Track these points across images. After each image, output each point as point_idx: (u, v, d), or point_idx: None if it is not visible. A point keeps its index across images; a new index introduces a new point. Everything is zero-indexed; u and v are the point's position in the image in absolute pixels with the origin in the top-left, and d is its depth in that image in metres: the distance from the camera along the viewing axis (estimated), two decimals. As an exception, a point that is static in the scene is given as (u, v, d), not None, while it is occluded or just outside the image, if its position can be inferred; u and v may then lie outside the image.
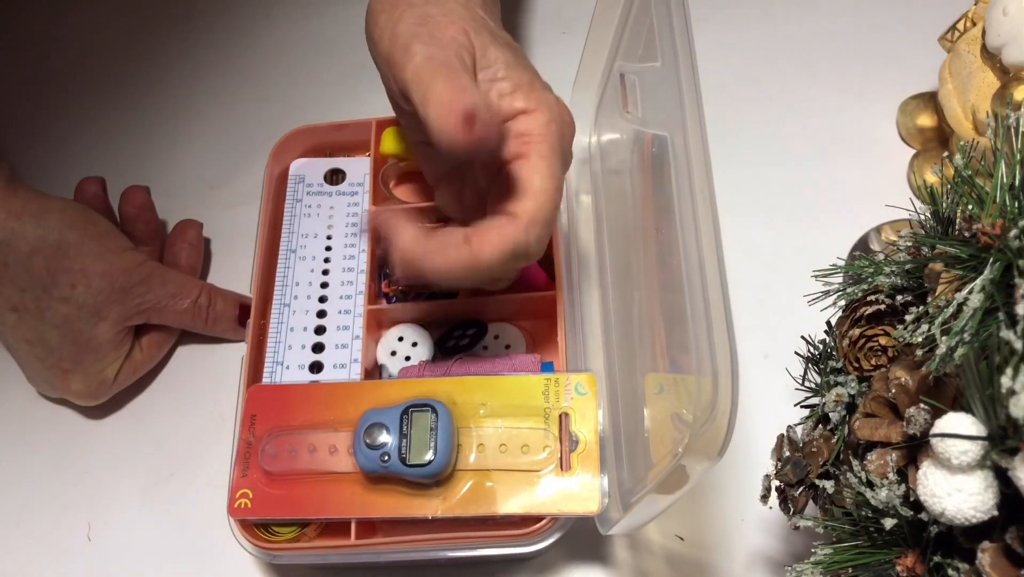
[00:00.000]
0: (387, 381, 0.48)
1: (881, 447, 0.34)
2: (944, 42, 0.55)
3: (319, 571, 0.49)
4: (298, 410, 0.45)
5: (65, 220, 0.48)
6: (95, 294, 0.48)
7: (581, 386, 0.44)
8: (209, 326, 0.53)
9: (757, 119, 0.61)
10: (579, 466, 0.43)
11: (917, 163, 0.57)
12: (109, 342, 0.50)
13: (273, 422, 0.45)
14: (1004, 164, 0.31)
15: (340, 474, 0.43)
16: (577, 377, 0.44)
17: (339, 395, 0.45)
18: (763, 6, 0.66)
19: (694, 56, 0.36)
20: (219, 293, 0.54)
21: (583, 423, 0.43)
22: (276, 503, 0.43)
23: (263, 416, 0.45)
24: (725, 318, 0.31)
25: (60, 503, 0.51)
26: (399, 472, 0.41)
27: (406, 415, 0.42)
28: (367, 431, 0.42)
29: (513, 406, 0.44)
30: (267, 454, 0.44)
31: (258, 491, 0.43)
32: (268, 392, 0.46)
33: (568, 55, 0.65)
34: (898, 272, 0.36)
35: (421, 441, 0.41)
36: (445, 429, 0.41)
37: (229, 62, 0.67)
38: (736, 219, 0.57)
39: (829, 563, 0.35)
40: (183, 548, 0.49)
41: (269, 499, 0.43)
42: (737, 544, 0.47)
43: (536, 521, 0.43)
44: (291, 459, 0.44)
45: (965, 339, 0.28)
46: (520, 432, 0.43)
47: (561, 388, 0.44)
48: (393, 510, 0.42)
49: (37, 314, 0.48)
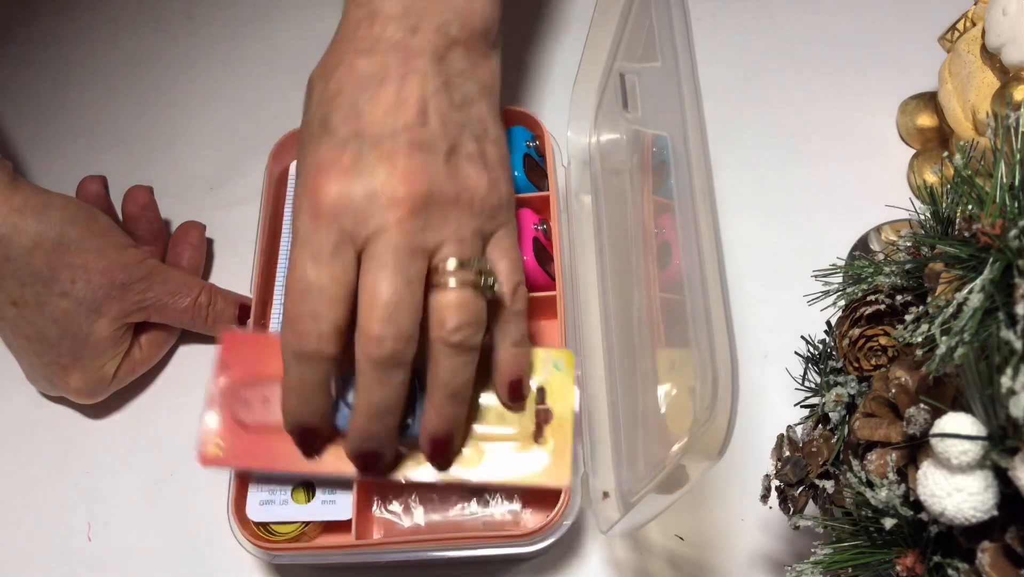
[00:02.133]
0: None
1: (881, 447, 0.34)
2: (944, 42, 0.55)
3: (319, 571, 0.49)
4: (275, 359, 0.42)
5: (67, 216, 0.48)
6: (95, 290, 0.48)
7: (560, 363, 0.44)
8: (209, 325, 0.53)
9: (757, 119, 0.61)
10: (552, 439, 0.43)
11: (917, 163, 0.57)
12: (108, 339, 0.50)
13: (247, 370, 0.44)
14: (1004, 164, 0.31)
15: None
16: (556, 353, 0.44)
17: None
18: (763, 6, 0.66)
19: (694, 56, 0.36)
20: (219, 293, 0.54)
21: (559, 398, 0.44)
22: (249, 452, 0.42)
23: (237, 364, 0.44)
24: (725, 318, 0.31)
25: (60, 503, 0.51)
26: None
27: None
28: (348, 391, 0.41)
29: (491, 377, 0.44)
30: (240, 402, 0.43)
31: (230, 440, 0.42)
32: (243, 340, 0.45)
33: (568, 55, 0.66)
34: (898, 272, 0.36)
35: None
36: (424, 394, 0.41)
37: (229, 62, 0.67)
38: (736, 219, 0.57)
39: (829, 563, 0.35)
40: (183, 548, 0.49)
41: (242, 448, 0.42)
42: (737, 544, 0.47)
43: (538, 523, 0.43)
44: (265, 410, 0.43)
45: (965, 339, 0.28)
46: (496, 403, 0.43)
47: (539, 363, 0.44)
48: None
49: (37, 309, 0.48)
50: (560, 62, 0.65)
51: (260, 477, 0.46)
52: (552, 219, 0.51)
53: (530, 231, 0.51)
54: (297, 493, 0.46)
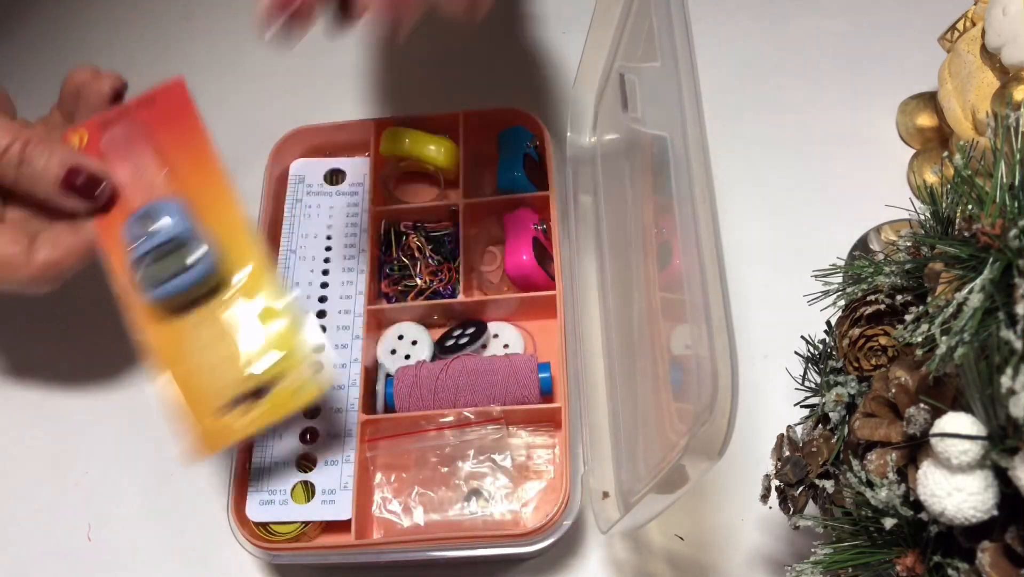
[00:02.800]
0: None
1: (881, 447, 0.34)
2: (944, 42, 0.55)
3: (319, 571, 0.49)
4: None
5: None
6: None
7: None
8: (21, 185, 0.43)
9: (757, 119, 0.61)
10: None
11: (917, 163, 0.57)
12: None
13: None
14: (1004, 164, 0.31)
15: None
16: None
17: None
18: (763, 6, 0.66)
19: (694, 56, 0.36)
20: (45, 145, 0.43)
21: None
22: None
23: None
24: (725, 318, 0.31)
25: (60, 503, 0.51)
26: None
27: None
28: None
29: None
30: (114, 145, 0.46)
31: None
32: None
33: (568, 55, 0.66)
34: (898, 272, 0.36)
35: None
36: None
37: (229, 62, 0.67)
38: (736, 219, 0.57)
39: (829, 563, 0.35)
40: (183, 548, 0.49)
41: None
42: (737, 544, 0.47)
43: (538, 523, 0.43)
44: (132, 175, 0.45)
45: (965, 339, 0.28)
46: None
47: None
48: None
49: None
50: (560, 62, 0.65)
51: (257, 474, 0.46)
52: (552, 219, 0.51)
53: (530, 231, 0.51)
54: (297, 493, 0.46)
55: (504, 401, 0.47)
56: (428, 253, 0.53)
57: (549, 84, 0.64)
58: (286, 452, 0.48)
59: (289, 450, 0.48)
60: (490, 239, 0.53)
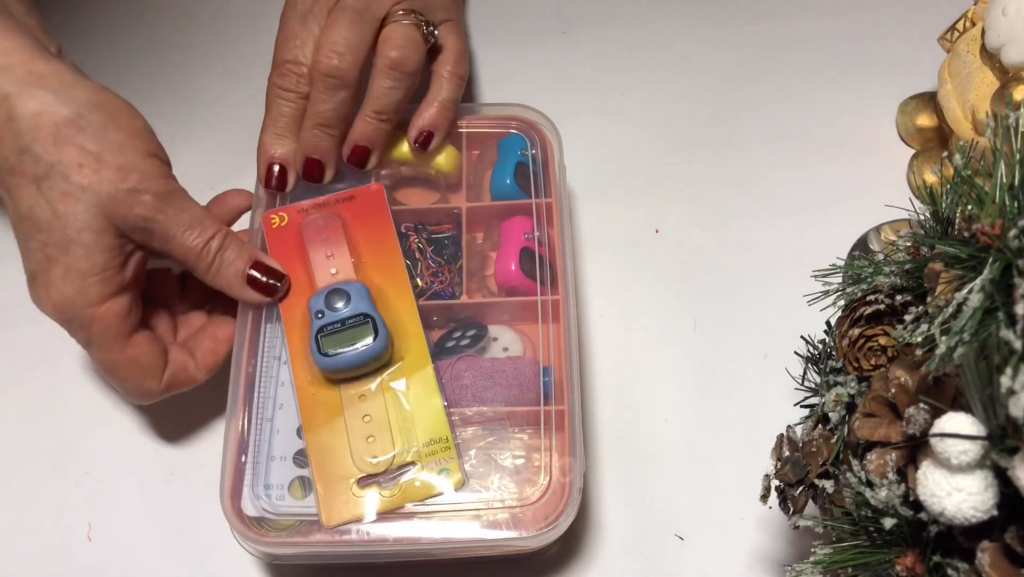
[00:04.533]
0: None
1: (881, 447, 0.34)
2: (944, 42, 0.55)
3: (319, 571, 0.49)
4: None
5: (94, 100, 0.44)
6: (101, 183, 0.43)
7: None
8: (211, 275, 0.48)
9: (757, 119, 0.61)
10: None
11: (917, 163, 0.57)
12: (100, 245, 0.44)
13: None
14: (1003, 164, 0.31)
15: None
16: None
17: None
18: (763, 6, 0.66)
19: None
20: (235, 242, 0.48)
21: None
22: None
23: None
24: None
25: (60, 503, 0.51)
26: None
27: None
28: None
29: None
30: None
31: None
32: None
33: (568, 55, 0.66)
34: (898, 272, 0.36)
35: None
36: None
37: (229, 62, 0.67)
38: (736, 219, 0.57)
39: (829, 563, 0.35)
40: (183, 548, 0.49)
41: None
42: (737, 544, 0.47)
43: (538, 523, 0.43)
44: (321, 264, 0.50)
45: (965, 339, 0.28)
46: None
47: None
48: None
49: (33, 183, 0.43)
50: (560, 62, 0.65)
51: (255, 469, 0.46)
52: (554, 224, 0.51)
53: (520, 241, 0.51)
54: (294, 488, 0.46)
55: (507, 403, 0.47)
56: (429, 254, 0.53)
57: (549, 85, 0.64)
58: (284, 447, 0.47)
59: (287, 445, 0.48)
60: (493, 245, 0.54)
